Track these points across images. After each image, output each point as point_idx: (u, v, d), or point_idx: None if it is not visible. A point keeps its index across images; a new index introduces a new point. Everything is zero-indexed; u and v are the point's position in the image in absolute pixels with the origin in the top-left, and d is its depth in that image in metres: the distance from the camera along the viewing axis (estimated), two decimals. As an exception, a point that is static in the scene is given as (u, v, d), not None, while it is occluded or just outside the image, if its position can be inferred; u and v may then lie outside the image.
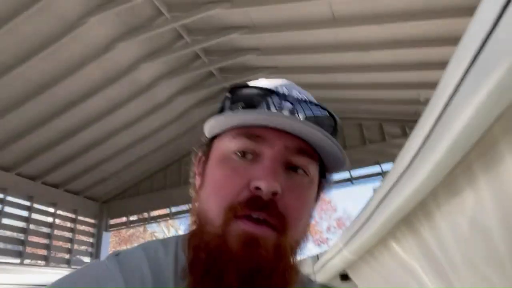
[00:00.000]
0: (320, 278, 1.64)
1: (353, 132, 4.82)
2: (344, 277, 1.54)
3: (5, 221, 4.23)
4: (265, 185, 0.47)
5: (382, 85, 4.05)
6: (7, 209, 4.27)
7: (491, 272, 0.59)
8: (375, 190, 0.86)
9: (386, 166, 4.59)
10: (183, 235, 0.57)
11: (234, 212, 0.47)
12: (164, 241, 0.59)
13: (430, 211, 0.66)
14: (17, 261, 4.10)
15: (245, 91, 0.56)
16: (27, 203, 4.53)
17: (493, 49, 0.40)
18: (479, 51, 0.43)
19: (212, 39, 3.72)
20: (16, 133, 3.92)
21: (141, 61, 3.85)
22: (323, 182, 0.59)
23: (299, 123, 0.49)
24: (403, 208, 0.69)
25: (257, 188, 0.47)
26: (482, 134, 0.49)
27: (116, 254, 0.55)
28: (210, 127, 0.55)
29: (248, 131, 0.51)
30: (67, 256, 4.98)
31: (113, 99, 4.09)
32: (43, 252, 4.66)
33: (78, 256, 5.22)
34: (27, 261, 4.32)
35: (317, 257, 1.77)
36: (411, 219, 0.74)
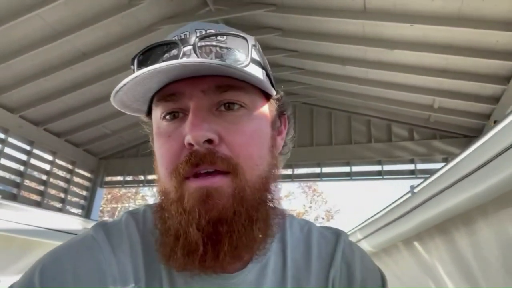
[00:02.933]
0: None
1: (360, 128, 4.81)
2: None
3: (4, 162, 4.22)
4: (192, 139, 0.45)
5: (398, 85, 4.01)
6: (7, 150, 4.26)
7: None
8: (414, 191, 0.86)
9: (387, 167, 4.60)
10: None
11: (178, 175, 0.47)
12: (152, 205, 0.59)
13: (472, 219, 0.66)
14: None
15: (141, 57, 0.52)
16: (27, 147, 4.52)
17: None
18: None
19: (237, 11, 3.65)
20: (26, 75, 3.87)
21: (161, 22, 3.77)
22: (272, 104, 0.56)
23: (196, 64, 0.45)
24: (443, 214, 0.69)
25: (190, 145, 0.46)
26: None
27: (104, 224, 0.55)
28: (125, 105, 0.52)
29: (162, 93, 0.50)
30: (59, 205, 5.01)
31: (128, 56, 4.01)
32: (36, 197, 4.68)
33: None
34: (20, 204, 4.33)
35: None
36: (446, 224, 0.74)
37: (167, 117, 0.50)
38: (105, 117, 4.88)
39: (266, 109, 0.54)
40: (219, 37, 0.51)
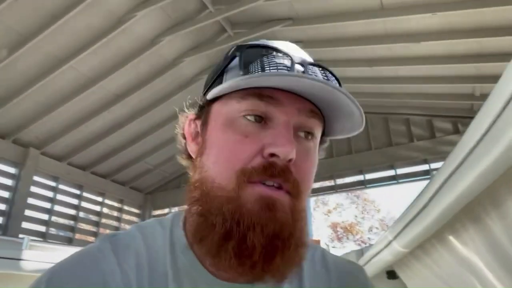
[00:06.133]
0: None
1: (399, 128, 4.62)
2: (391, 274, 1.44)
3: (57, 208, 4.47)
4: (283, 152, 0.45)
5: (433, 78, 3.83)
6: (59, 196, 4.51)
7: None
8: (433, 176, 0.78)
9: (435, 165, 4.35)
10: (179, 211, 0.57)
11: (248, 176, 0.46)
12: (161, 220, 0.58)
13: (499, 198, 0.58)
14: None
15: (255, 50, 0.51)
16: (77, 192, 4.76)
17: None
18: None
19: (255, 32, 3.70)
20: (68, 124, 4.12)
21: (185, 54, 3.90)
22: (321, 142, 0.56)
23: (318, 83, 0.45)
24: (466, 195, 0.61)
25: (272, 155, 0.45)
26: None
27: (111, 236, 0.55)
28: (217, 90, 0.51)
29: (259, 92, 0.48)
30: (113, 244, 5.18)
31: (158, 92, 4.19)
32: (91, 239, 4.88)
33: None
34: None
35: (361, 252, 1.67)
36: (474, 207, 0.66)
37: (249, 117, 0.48)
38: (146, 153, 5.06)
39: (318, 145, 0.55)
40: (321, 70, 0.52)
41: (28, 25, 3.04)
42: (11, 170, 4.06)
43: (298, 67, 0.49)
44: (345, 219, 13.31)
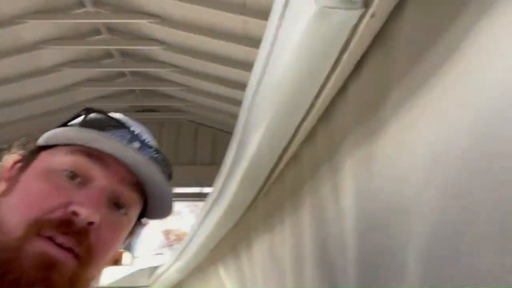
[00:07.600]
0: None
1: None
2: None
3: None
4: (85, 212, 0.44)
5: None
6: None
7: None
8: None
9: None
10: None
11: (38, 228, 0.43)
12: None
13: (250, 240, 0.64)
14: None
15: (100, 116, 0.53)
16: None
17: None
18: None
19: (120, 18, 3.48)
20: None
21: (29, 16, 3.37)
22: (137, 224, 0.57)
23: (145, 160, 0.49)
24: (219, 229, 0.66)
25: (74, 213, 0.44)
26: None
27: None
28: (49, 137, 0.51)
29: (89, 151, 0.48)
30: None
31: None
32: None
33: None
34: None
35: (154, 269, 1.67)
36: (236, 246, 0.72)
37: (69, 173, 0.47)
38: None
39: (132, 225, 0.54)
40: (156, 153, 0.52)
41: None
42: None
43: (135, 144, 0.51)
44: (181, 227, 13.32)
